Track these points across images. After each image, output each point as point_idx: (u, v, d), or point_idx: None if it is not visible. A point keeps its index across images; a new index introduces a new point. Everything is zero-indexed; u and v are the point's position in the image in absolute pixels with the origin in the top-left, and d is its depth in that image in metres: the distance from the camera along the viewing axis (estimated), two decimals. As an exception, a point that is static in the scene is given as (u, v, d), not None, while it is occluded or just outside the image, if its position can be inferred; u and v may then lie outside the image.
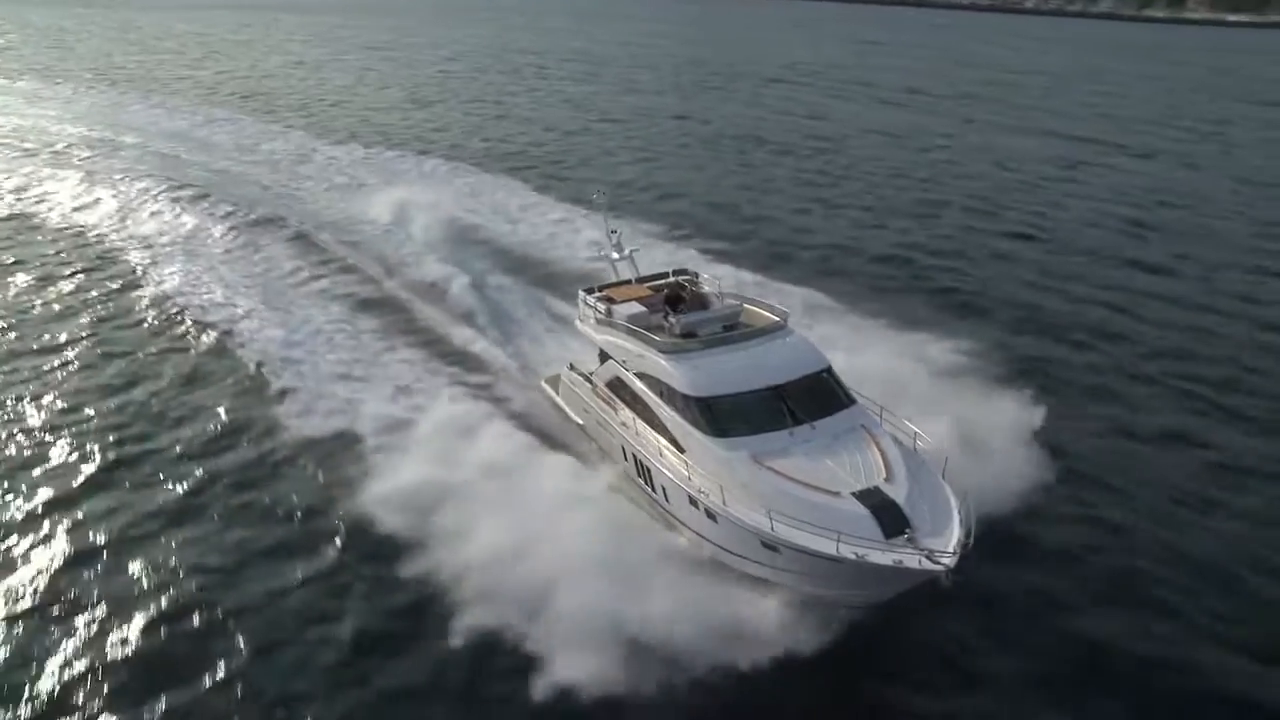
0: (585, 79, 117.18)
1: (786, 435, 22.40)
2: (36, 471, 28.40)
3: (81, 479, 28.07)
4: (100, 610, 22.84)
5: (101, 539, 25.46)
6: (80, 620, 22.47)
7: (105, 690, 20.49)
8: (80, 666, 21.11)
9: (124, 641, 21.89)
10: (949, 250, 51.36)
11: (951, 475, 21.63)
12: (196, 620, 22.54)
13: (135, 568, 24.41)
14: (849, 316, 37.97)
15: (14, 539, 25.26)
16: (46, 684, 20.58)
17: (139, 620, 22.51)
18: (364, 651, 21.67)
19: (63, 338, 37.62)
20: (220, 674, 20.95)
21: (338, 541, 25.11)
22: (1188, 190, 67.89)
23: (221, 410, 31.90)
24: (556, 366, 31.90)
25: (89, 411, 31.93)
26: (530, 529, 22.58)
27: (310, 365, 34.29)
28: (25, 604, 22.92)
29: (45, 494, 27.26)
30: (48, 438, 30.24)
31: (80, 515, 26.39)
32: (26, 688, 20.43)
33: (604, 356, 27.19)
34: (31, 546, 25.00)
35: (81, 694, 20.41)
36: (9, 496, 27.09)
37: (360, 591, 23.39)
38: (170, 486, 27.81)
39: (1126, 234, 55.99)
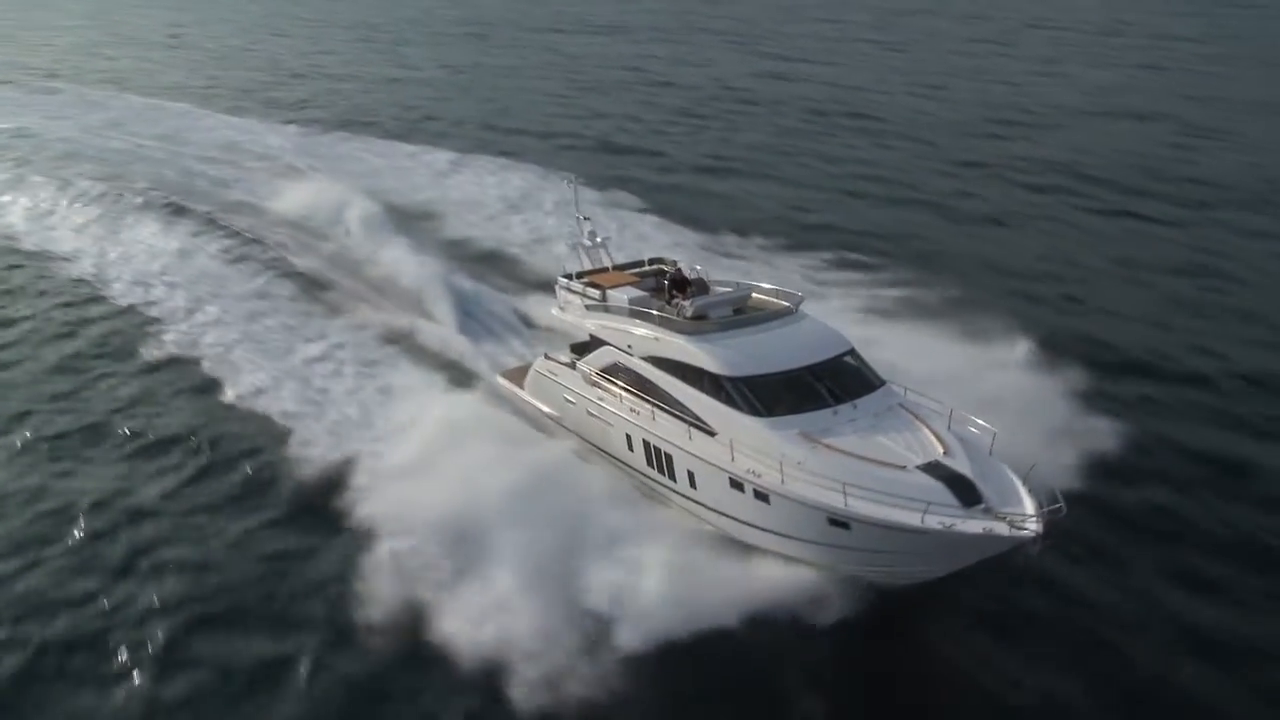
0: (364, 40, 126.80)
1: (830, 414, 21.67)
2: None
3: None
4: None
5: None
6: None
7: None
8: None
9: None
10: (653, 136, 66.69)
11: (999, 450, 21.26)
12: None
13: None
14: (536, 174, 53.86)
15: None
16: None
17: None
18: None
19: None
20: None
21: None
22: (858, 85, 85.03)
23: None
24: (511, 360, 32.16)
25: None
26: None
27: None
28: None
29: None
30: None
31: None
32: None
33: (594, 343, 26.22)
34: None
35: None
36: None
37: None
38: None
39: (804, 121, 72.42)
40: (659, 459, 23.38)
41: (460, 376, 31.52)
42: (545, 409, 27.64)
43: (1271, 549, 23.53)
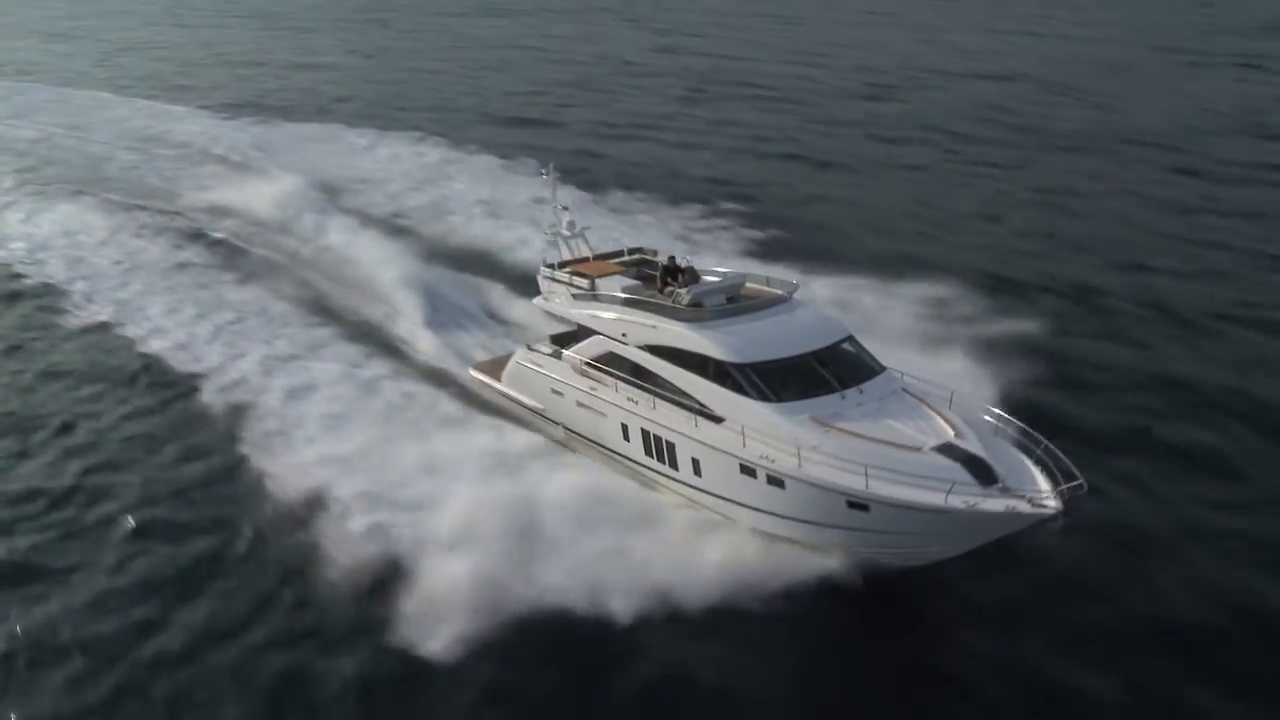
0: (269, 29, 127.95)
1: (838, 399, 21.54)
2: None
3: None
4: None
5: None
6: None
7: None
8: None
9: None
10: (553, 108, 70.10)
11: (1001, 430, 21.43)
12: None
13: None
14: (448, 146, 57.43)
15: None
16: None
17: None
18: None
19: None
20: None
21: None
22: (749, 56, 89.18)
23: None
24: (481, 353, 31.71)
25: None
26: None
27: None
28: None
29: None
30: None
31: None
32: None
33: (582, 333, 25.85)
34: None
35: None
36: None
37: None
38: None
39: (694, 90, 76.64)
40: (659, 448, 23.08)
41: (356, 333, 33.40)
42: (527, 401, 27.09)
43: (1082, 426, 27.12)
